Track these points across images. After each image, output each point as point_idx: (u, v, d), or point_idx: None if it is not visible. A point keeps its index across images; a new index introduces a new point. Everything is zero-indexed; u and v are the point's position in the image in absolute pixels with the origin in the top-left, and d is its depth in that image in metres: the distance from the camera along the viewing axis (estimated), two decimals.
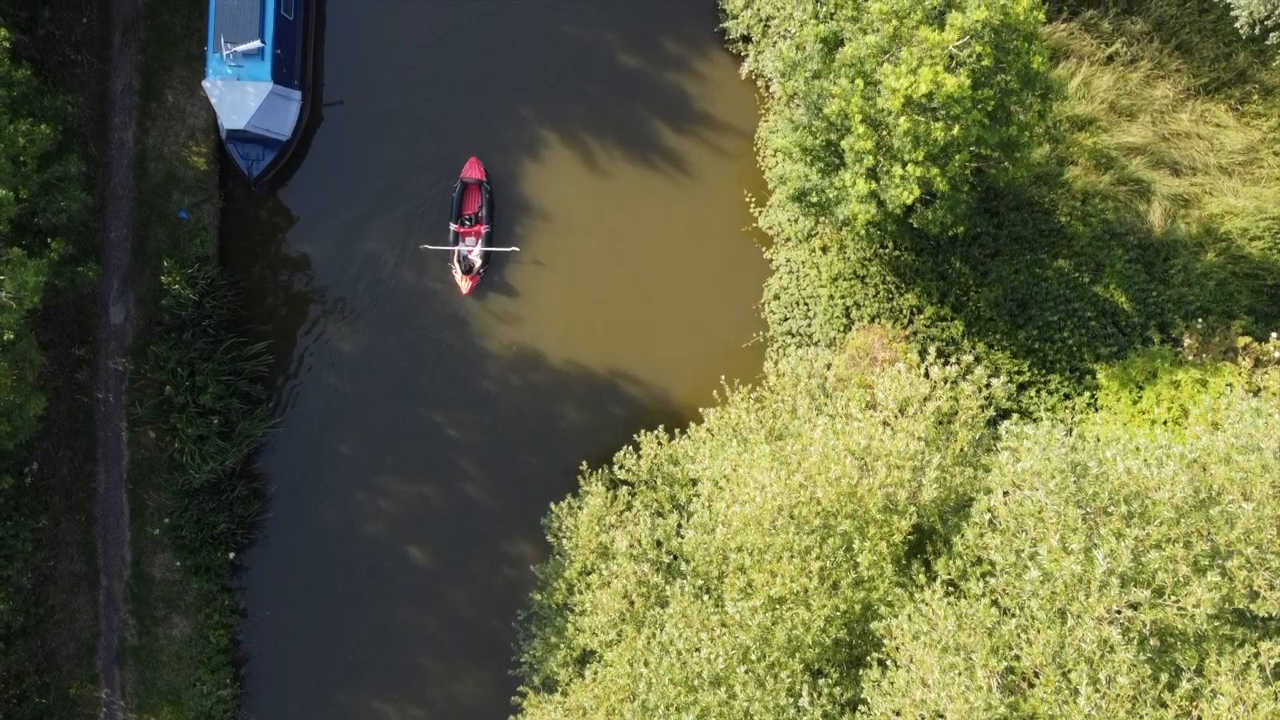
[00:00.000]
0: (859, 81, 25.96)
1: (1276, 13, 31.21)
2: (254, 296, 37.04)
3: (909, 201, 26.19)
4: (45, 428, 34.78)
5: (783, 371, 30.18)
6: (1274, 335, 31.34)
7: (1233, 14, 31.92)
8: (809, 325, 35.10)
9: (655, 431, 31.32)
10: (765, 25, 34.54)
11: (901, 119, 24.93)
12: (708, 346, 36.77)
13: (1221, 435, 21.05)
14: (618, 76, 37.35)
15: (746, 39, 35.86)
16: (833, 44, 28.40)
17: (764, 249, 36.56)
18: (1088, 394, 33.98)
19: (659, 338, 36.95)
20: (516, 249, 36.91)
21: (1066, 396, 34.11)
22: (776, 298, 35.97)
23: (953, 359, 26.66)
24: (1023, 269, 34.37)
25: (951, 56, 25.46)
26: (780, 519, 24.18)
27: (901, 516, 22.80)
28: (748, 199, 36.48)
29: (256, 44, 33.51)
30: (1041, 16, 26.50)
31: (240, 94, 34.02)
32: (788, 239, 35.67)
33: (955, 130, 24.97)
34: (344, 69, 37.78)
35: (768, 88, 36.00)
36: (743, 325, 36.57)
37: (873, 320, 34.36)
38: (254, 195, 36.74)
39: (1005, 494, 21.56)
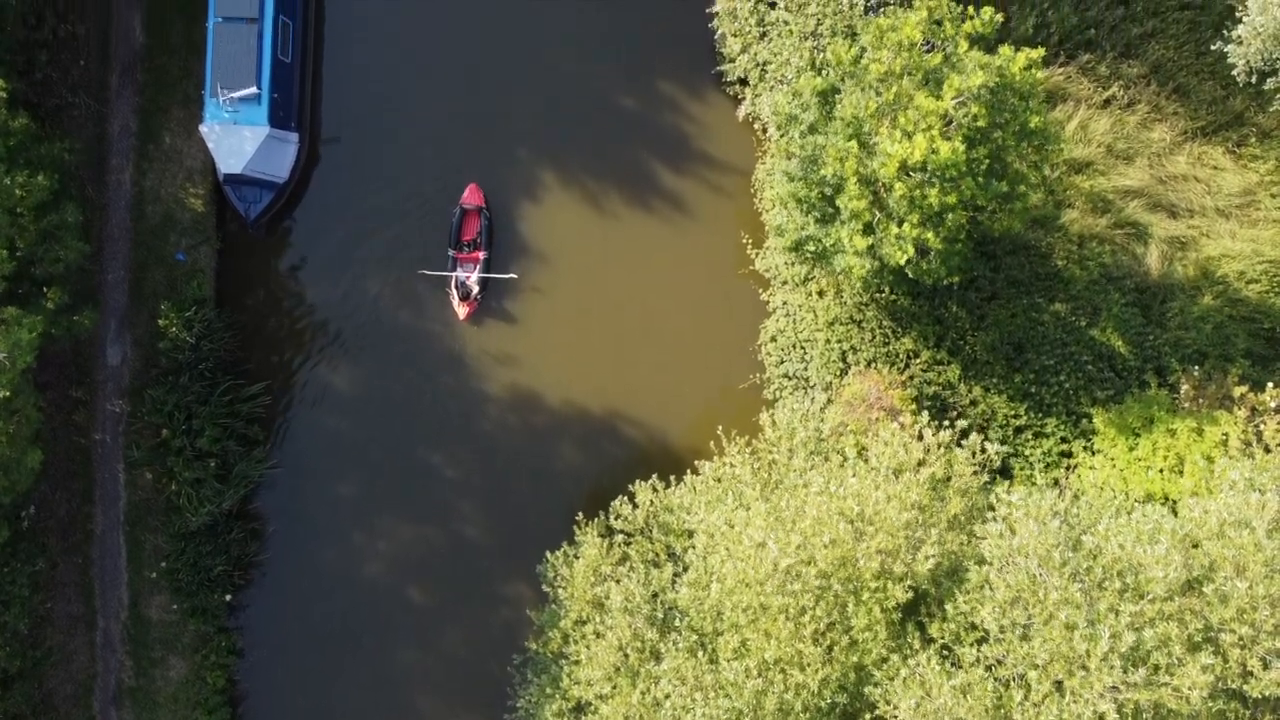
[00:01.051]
0: (854, 143, 25.97)
1: (1273, 59, 31.16)
2: (252, 337, 37.07)
3: (902, 262, 26.23)
4: (43, 470, 34.75)
5: (778, 423, 30.17)
6: (1270, 386, 31.29)
7: (1230, 62, 31.87)
8: (805, 369, 35.12)
9: (650, 480, 31.30)
10: (762, 70, 34.55)
11: (897, 184, 24.94)
12: (705, 386, 36.81)
13: (1214, 506, 21.04)
14: (617, 114, 37.38)
15: (744, 81, 35.86)
16: (830, 96, 28.43)
17: (761, 290, 36.58)
18: (1084, 438, 34.00)
19: (656, 376, 36.96)
20: (514, 276, 36.96)
21: (1063, 440, 34.13)
22: (773, 340, 35.99)
23: (947, 422, 26.68)
24: (1019, 313, 34.36)
25: (946, 115, 25.44)
26: (775, 578, 24.19)
27: (896, 584, 22.84)
28: (745, 240, 36.49)
29: (253, 90, 33.54)
30: (1039, 75, 26.52)
31: (237, 138, 34.05)
32: (784, 282, 35.68)
33: (950, 198, 24.98)
34: (342, 104, 37.78)
35: (764, 131, 36.00)
36: (740, 366, 36.58)
37: (869, 365, 34.35)
38: (251, 236, 36.74)
39: (1000, 566, 21.56)
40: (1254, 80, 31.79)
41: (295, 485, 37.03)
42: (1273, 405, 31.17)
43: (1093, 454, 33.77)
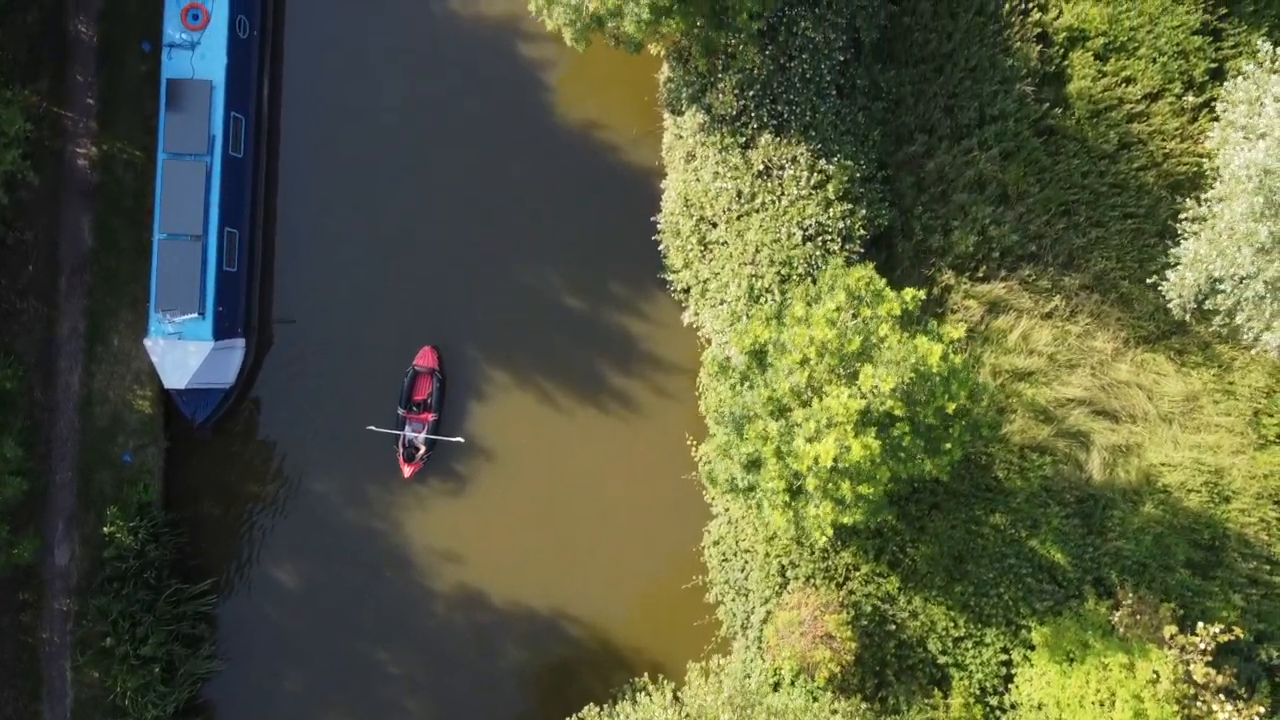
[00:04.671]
0: (772, 426, 26.08)
1: (1204, 293, 31.15)
2: (199, 533, 37.32)
3: (822, 542, 26.38)
4: None
5: (710, 671, 30.38)
6: (1200, 625, 31.46)
7: (1165, 296, 31.93)
8: (745, 578, 35.26)
9: (585, 709, 31.62)
10: (704, 286, 34.71)
11: (809, 478, 25.08)
12: (648, 585, 37.07)
13: None
14: (566, 310, 37.69)
15: (687, 291, 36.01)
16: (760, 355, 28.53)
17: (705, 491, 36.72)
18: (1024, 647, 34.15)
19: (600, 573, 37.19)
20: (461, 440, 37.17)
21: (1004, 649, 34.26)
22: (716, 544, 36.15)
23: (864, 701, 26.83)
24: (959, 525, 34.51)
25: (865, 409, 25.47)
26: None
27: None
28: (690, 442, 36.65)
29: (194, 315, 33.76)
30: (958, 360, 26.57)
31: (181, 353, 34.26)
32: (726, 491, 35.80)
33: (863, 487, 25.12)
34: (296, 289, 37.93)
35: (709, 340, 36.16)
36: (683, 566, 36.78)
37: (808, 580, 34.49)
38: (199, 437, 37.01)
39: None
40: (1189, 317, 31.88)
41: (241, 679, 37.26)
42: (1201, 646, 31.35)
43: (1031, 665, 33.96)
